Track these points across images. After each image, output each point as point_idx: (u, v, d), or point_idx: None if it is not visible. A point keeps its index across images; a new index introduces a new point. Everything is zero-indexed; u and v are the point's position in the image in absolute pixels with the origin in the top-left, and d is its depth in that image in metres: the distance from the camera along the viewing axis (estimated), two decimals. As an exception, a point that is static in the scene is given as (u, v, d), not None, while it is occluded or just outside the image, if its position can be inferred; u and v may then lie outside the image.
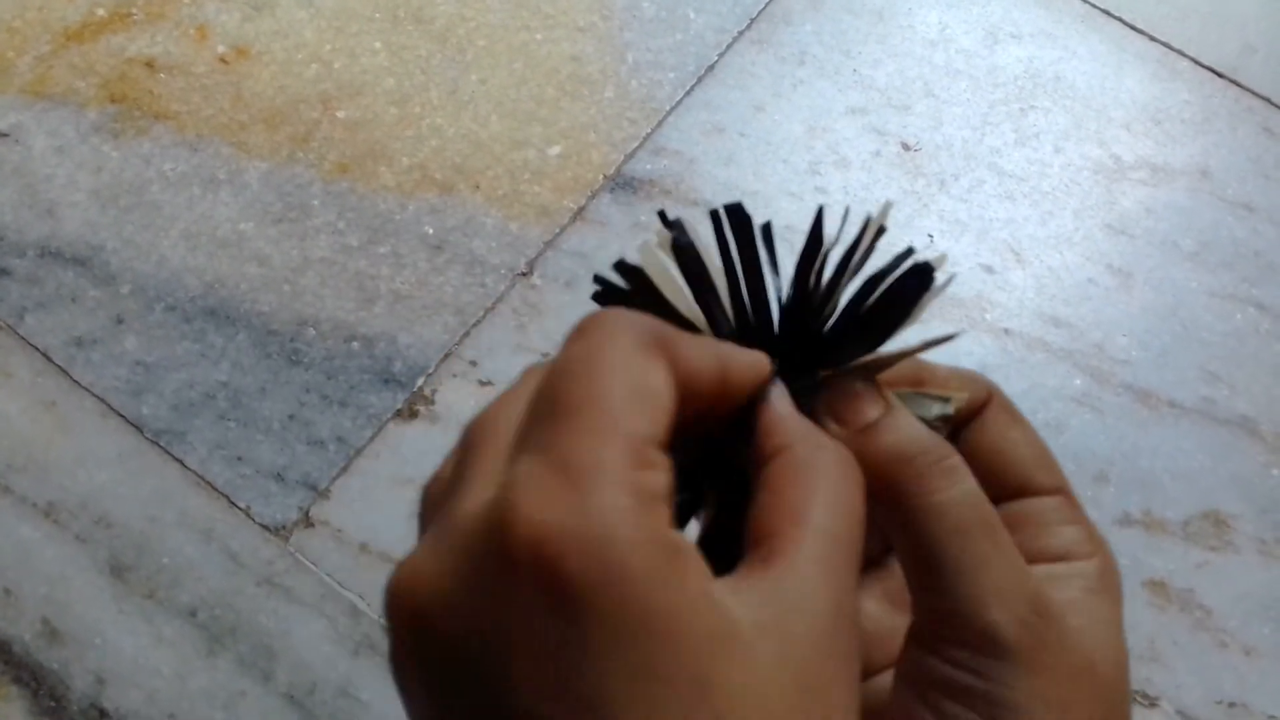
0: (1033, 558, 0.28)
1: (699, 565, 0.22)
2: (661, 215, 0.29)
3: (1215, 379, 0.74)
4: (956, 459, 0.27)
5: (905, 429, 0.27)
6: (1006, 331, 0.75)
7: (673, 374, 0.24)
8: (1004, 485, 0.29)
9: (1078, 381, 0.73)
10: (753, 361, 0.26)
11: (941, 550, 0.26)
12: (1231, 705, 0.65)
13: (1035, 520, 0.29)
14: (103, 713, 0.64)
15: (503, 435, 0.24)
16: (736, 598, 0.22)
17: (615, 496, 0.21)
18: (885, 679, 0.29)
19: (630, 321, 0.24)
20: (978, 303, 0.76)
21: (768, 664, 0.22)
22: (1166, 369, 0.74)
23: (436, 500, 0.25)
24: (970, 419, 0.30)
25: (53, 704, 0.64)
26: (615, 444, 0.22)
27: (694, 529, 0.28)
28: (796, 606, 0.22)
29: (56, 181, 0.78)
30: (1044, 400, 0.73)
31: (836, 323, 0.29)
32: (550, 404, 0.23)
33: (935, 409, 0.29)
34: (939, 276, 0.28)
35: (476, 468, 0.23)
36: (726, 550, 0.25)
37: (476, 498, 0.22)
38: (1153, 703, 0.65)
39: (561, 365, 0.23)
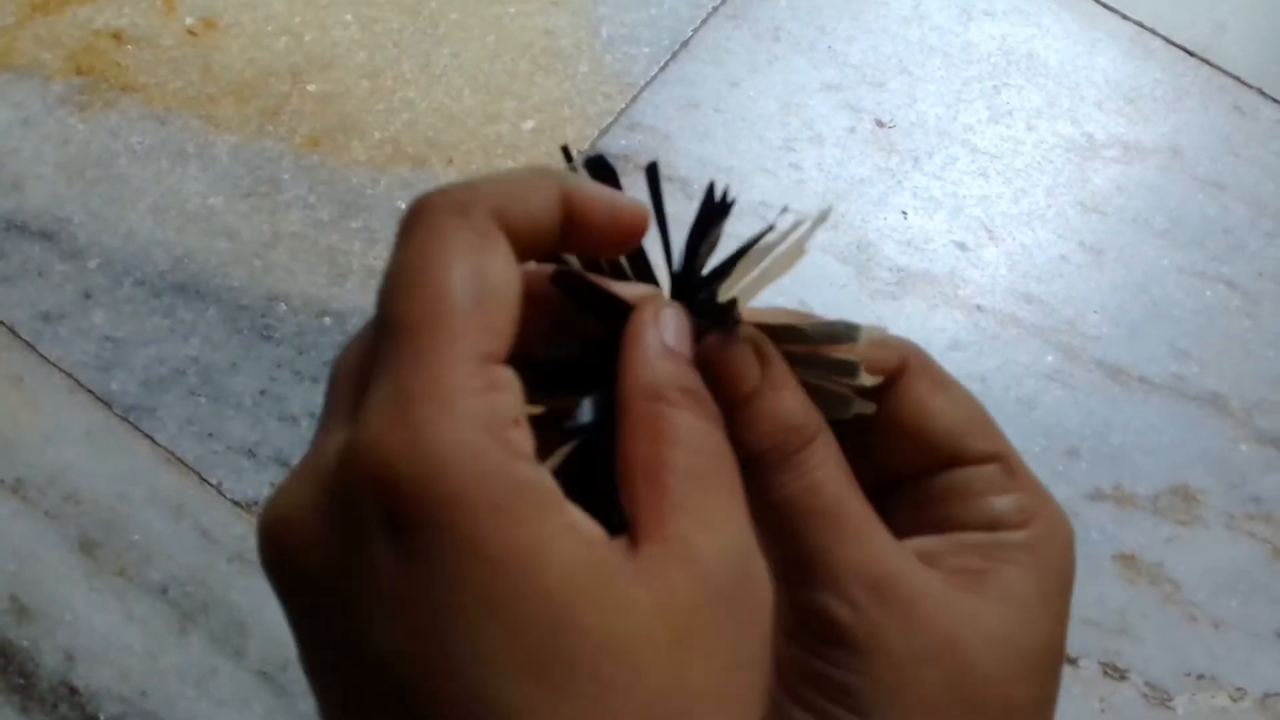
0: (957, 527, 0.27)
1: (556, 500, 0.21)
2: (565, 151, 0.28)
3: (1185, 355, 0.74)
4: (812, 446, 0.26)
5: (765, 418, 0.26)
6: (979, 308, 0.75)
7: (512, 251, 0.23)
8: (931, 456, 0.28)
9: (1049, 358, 0.74)
10: (610, 202, 0.25)
11: (780, 541, 0.26)
12: (1200, 677, 0.66)
13: (966, 490, 0.27)
14: (73, 690, 0.64)
15: (356, 368, 0.23)
16: (614, 551, 0.21)
17: (455, 424, 0.20)
18: None
19: (462, 200, 0.22)
20: (950, 279, 0.76)
21: (640, 613, 0.21)
22: (1137, 345, 0.75)
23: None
24: (887, 384, 0.28)
25: (22, 681, 0.64)
26: (454, 367, 0.21)
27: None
28: (678, 558, 0.22)
29: (22, 154, 0.77)
30: (1016, 376, 0.73)
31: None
32: (387, 324, 0.22)
33: (839, 375, 0.27)
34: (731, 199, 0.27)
35: (334, 404, 0.23)
36: (597, 481, 0.24)
37: (335, 435, 0.22)
38: (1122, 675, 0.66)
39: (392, 276, 0.22)
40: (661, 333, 0.25)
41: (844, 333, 0.26)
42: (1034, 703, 0.26)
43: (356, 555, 0.21)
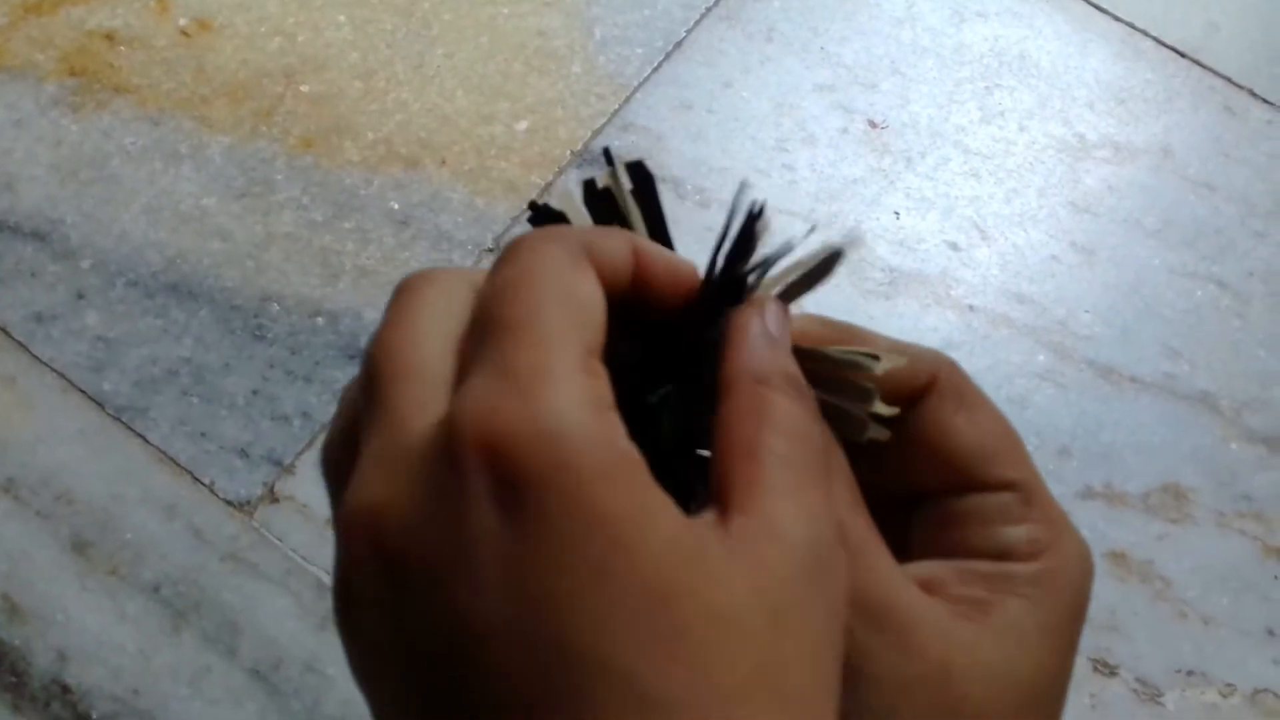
0: (965, 555, 0.27)
1: (653, 481, 0.22)
2: (606, 152, 0.29)
3: (1176, 355, 0.75)
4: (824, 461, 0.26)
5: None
6: (971, 308, 0.75)
7: (597, 276, 0.24)
8: (950, 478, 0.28)
9: (1041, 357, 0.74)
10: (668, 260, 0.26)
11: None
12: (1190, 674, 0.67)
13: (979, 517, 0.27)
14: (65, 689, 0.64)
15: (423, 364, 0.23)
16: (707, 527, 0.22)
17: (566, 398, 0.21)
18: None
19: (556, 235, 0.24)
20: (943, 279, 0.76)
21: (738, 588, 0.21)
22: (1128, 345, 0.75)
23: (344, 450, 0.24)
24: (913, 401, 0.28)
25: (14, 680, 0.64)
26: (562, 352, 0.22)
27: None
28: (768, 536, 0.22)
29: (15, 155, 0.77)
30: (1008, 376, 0.73)
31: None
32: (489, 325, 0.23)
33: (860, 368, 0.27)
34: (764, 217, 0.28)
35: (404, 398, 0.23)
36: (688, 473, 0.25)
37: (418, 422, 0.22)
38: (1112, 671, 0.66)
39: (496, 287, 0.23)
40: (767, 322, 0.26)
41: (862, 363, 0.27)
42: None
43: (465, 523, 0.21)
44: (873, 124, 0.81)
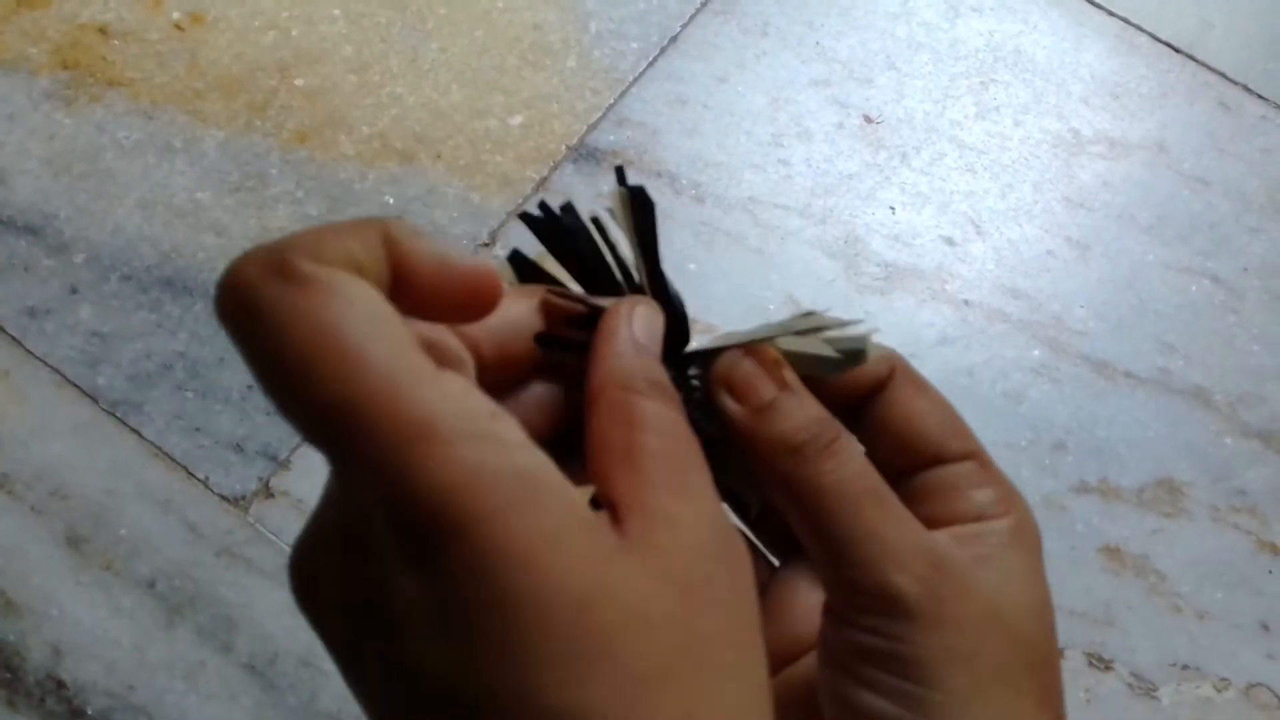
0: (947, 521, 0.29)
1: (555, 482, 0.22)
2: (618, 171, 0.29)
3: (1170, 350, 0.75)
4: (843, 438, 0.28)
5: (797, 414, 0.28)
6: (966, 303, 0.75)
7: (346, 275, 0.22)
8: (916, 456, 0.30)
9: (1036, 352, 0.74)
10: (441, 260, 0.24)
11: (835, 525, 0.27)
12: (1184, 668, 0.67)
13: (949, 486, 0.29)
14: (60, 684, 0.63)
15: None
16: (601, 519, 0.23)
17: (445, 451, 0.21)
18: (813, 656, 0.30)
19: (269, 266, 0.21)
20: (938, 274, 0.76)
21: (644, 581, 0.22)
22: (1123, 340, 0.75)
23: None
24: (875, 392, 0.30)
25: (8, 675, 0.64)
26: (415, 404, 0.21)
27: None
28: (663, 526, 0.23)
29: (8, 149, 0.77)
30: (1003, 371, 0.73)
31: None
32: (331, 408, 0.21)
33: (836, 346, 0.29)
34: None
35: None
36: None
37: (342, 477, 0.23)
38: (1107, 665, 0.67)
39: (280, 374, 0.21)
40: (634, 330, 0.27)
41: (827, 360, 0.29)
42: (1056, 655, 0.29)
43: (379, 580, 0.22)
44: (868, 119, 0.81)
